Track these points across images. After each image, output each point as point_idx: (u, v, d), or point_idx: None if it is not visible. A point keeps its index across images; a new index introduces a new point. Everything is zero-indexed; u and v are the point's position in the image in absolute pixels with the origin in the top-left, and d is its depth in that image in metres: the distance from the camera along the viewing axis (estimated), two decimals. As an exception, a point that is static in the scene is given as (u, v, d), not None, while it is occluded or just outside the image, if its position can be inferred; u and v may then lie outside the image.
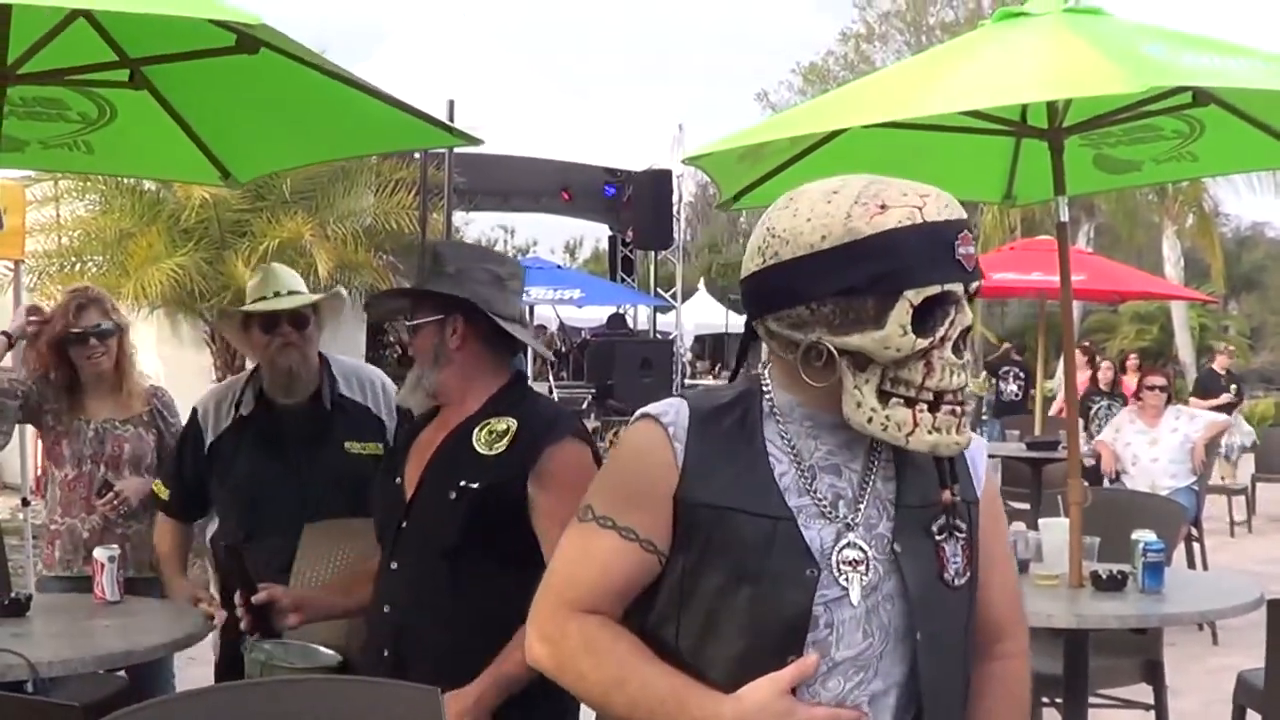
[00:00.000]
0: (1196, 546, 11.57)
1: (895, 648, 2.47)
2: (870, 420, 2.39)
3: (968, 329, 2.40)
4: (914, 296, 2.34)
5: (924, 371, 2.37)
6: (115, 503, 5.73)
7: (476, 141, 5.53)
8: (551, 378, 21.11)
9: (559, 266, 25.53)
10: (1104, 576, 5.17)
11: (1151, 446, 11.17)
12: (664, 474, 2.48)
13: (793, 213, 2.43)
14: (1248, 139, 5.57)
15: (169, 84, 5.19)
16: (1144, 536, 5.24)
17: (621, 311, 23.29)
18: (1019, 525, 5.76)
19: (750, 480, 2.46)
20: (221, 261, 12.66)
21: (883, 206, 2.36)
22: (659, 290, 23.33)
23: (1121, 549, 5.35)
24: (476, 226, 46.79)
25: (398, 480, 3.90)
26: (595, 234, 48.02)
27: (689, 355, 30.53)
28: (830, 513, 2.46)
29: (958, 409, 2.40)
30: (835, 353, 2.40)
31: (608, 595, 2.54)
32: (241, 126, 5.52)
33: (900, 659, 2.47)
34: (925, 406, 2.38)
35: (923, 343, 2.36)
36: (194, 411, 5.22)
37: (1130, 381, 15.48)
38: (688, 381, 22.45)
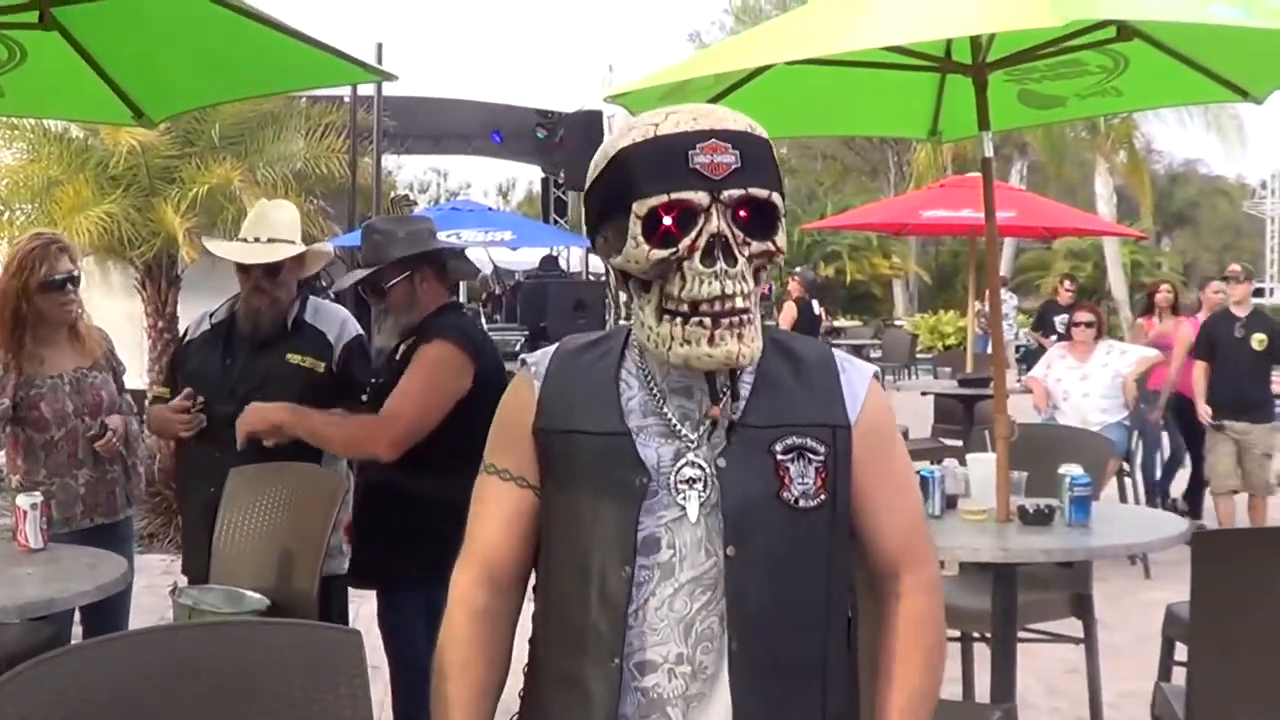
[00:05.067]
0: (1129, 481, 11.63)
1: None
2: (649, 339, 2.44)
3: (720, 236, 2.36)
4: (639, 208, 2.37)
5: (680, 284, 2.37)
6: (113, 440, 5.65)
7: (391, 77, 5.79)
8: (484, 320, 21.03)
9: (490, 209, 25.32)
10: (1031, 511, 5.17)
11: (1082, 382, 11.15)
12: (525, 411, 2.57)
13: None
14: (1171, 73, 5.58)
15: (79, 24, 5.12)
16: (1071, 471, 5.25)
17: (554, 253, 23.13)
18: (951, 461, 5.75)
19: (596, 404, 2.51)
20: (151, 208, 12.46)
21: (654, 126, 2.39)
22: (592, 232, 23.08)
23: (1050, 484, 5.36)
24: (409, 170, 46.68)
25: None
26: (528, 176, 48.03)
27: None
28: (676, 432, 2.47)
29: (708, 320, 2.37)
30: (624, 277, 2.46)
31: (501, 536, 2.62)
32: (154, 65, 5.47)
33: None
34: (680, 319, 2.38)
35: (661, 253, 2.37)
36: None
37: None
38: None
